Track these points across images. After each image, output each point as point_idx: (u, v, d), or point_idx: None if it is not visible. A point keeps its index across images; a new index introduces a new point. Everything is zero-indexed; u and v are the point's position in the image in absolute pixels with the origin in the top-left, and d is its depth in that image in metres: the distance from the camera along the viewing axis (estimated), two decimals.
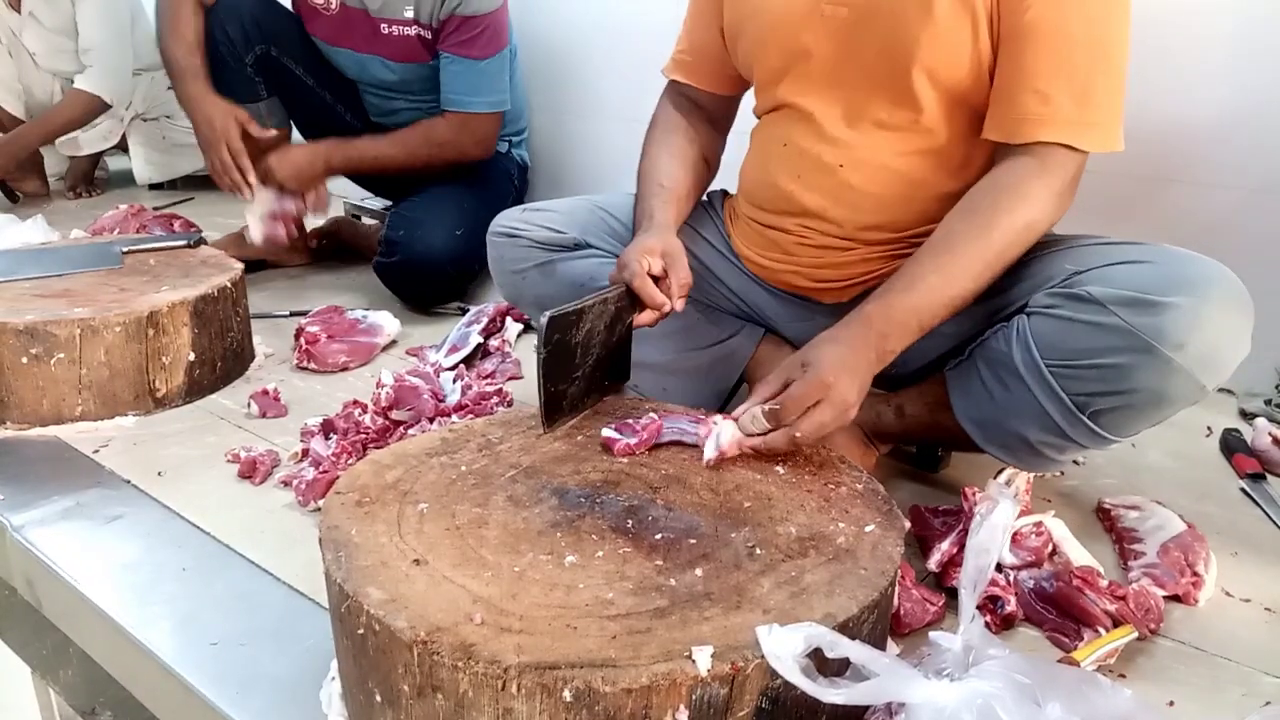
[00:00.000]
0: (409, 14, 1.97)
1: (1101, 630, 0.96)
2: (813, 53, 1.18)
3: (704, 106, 1.38)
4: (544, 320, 1.02)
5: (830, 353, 1.02)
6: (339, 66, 2.14)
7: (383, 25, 2.00)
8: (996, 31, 1.08)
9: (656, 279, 1.14)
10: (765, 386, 1.03)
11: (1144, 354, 0.98)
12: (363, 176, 2.37)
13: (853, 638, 0.75)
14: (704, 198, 1.45)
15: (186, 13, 2.03)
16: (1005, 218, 1.06)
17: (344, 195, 2.58)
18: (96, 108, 2.86)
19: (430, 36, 1.99)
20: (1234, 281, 1.00)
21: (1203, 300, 0.97)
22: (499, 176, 2.18)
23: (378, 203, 2.54)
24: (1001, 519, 0.84)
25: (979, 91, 1.11)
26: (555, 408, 1.06)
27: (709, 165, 1.38)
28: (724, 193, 1.45)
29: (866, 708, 0.76)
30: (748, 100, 1.38)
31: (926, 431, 1.25)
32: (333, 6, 2.03)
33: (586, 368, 1.09)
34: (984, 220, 1.07)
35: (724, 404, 1.36)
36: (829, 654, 0.68)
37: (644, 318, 1.15)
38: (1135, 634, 0.95)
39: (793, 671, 0.67)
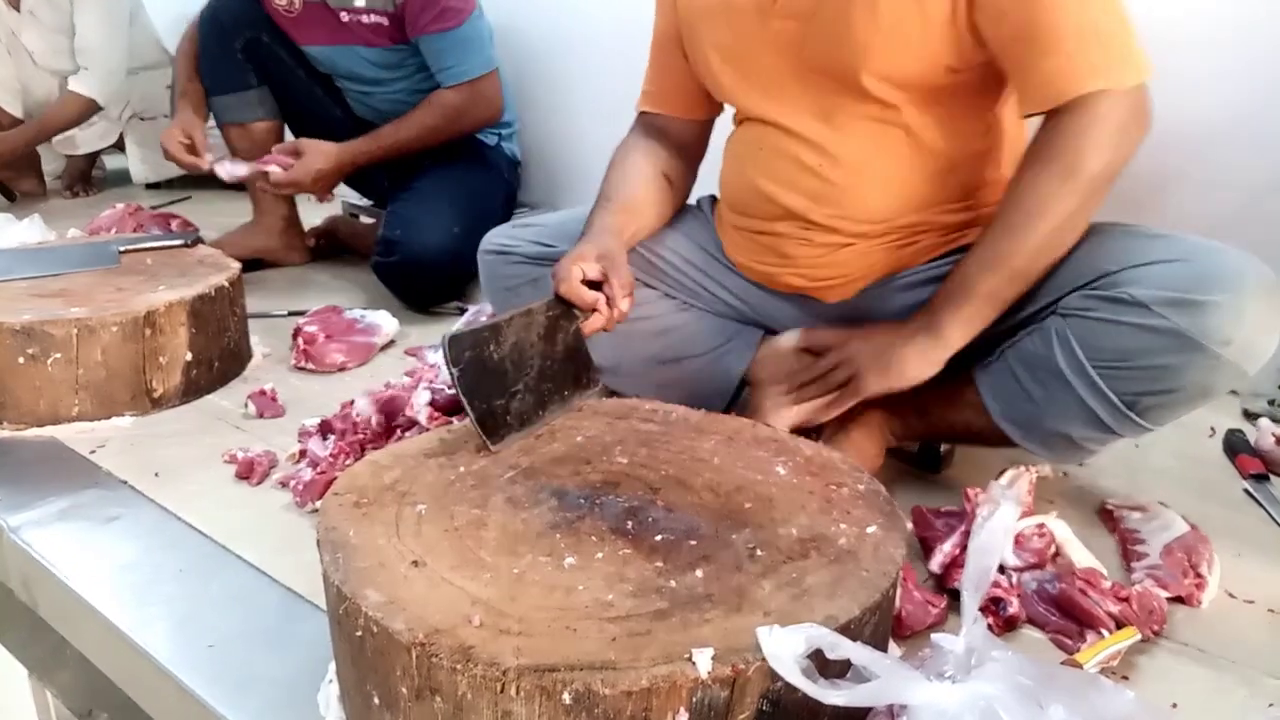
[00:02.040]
0: (360, 3, 1.98)
1: (1105, 632, 0.95)
2: (768, 67, 1.19)
3: (672, 134, 1.38)
4: (444, 341, 0.99)
5: (876, 336, 1.09)
6: (313, 64, 2.14)
7: (342, 14, 2.01)
8: (972, 17, 1.07)
9: (596, 284, 1.13)
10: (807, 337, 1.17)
11: (1193, 352, 1.00)
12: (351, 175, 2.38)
13: (854, 639, 0.75)
14: (693, 202, 1.45)
15: (190, 43, 2.18)
16: (1066, 158, 1.04)
17: (342, 195, 2.58)
18: (89, 109, 2.86)
19: (388, 22, 2.00)
20: (1265, 270, 1.01)
21: (1243, 295, 0.99)
22: (490, 170, 2.17)
23: None
24: (1003, 521, 0.83)
25: (936, 78, 1.12)
26: (496, 424, 1.01)
27: (670, 183, 1.37)
28: (713, 197, 1.45)
29: (868, 710, 0.75)
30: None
31: (952, 431, 1.26)
32: (295, 6, 2.04)
33: (528, 380, 1.06)
34: (1065, 167, 1.04)
35: (726, 408, 1.35)
36: (830, 655, 0.68)
37: (593, 324, 1.13)
38: (1138, 636, 0.94)
39: (793, 673, 0.66)
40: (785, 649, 0.67)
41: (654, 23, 1.37)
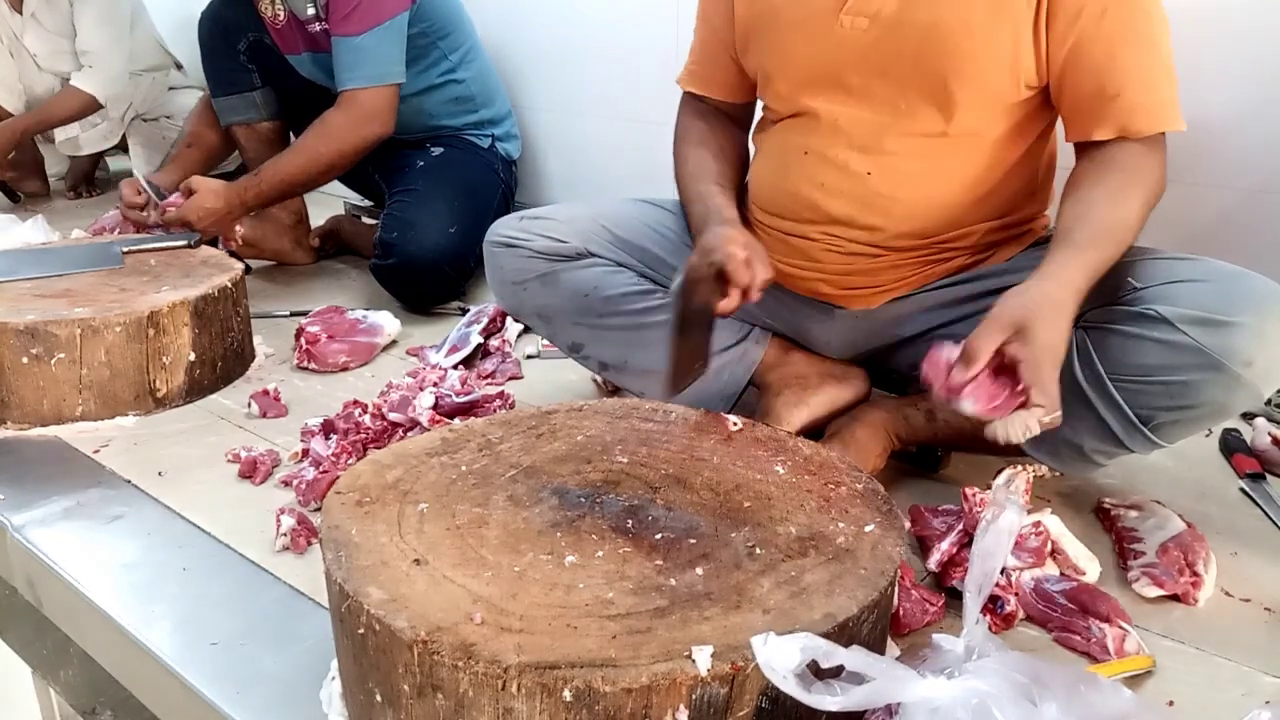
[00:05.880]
0: (310, 11, 1.99)
1: (1121, 625, 0.96)
2: (835, 63, 1.18)
3: (728, 114, 1.39)
4: (678, 284, 1.06)
5: (1047, 325, 0.94)
6: (299, 72, 2.15)
7: (307, 25, 2.02)
8: (1041, 32, 1.09)
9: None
10: (976, 355, 0.94)
11: (1214, 371, 1.01)
12: (342, 174, 2.38)
13: (852, 637, 0.76)
14: None
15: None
16: (1149, 175, 1.09)
17: (344, 196, 2.59)
18: (90, 106, 2.86)
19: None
20: None
21: (1268, 319, 1.00)
22: (484, 171, 2.17)
23: None
24: (1008, 524, 0.84)
25: (1014, 94, 1.13)
26: (681, 374, 1.08)
27: (744, 167, 1.38)
28: None
29: None
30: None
31: (959, 437, 1.25)
32: (281, 19, 2.05)
33: (689, 345, 1.11)
34: (1130, 179, 1.08)
35: (730, 408, 1.36)
36: (824, 664, 0.68)
37: (727, 304, 1.12)
38: (1152, 666, 0.94)
39: (788, 682, 0.67)
40: (780, 659, 0.67)
41: (700, 5, 1.36)
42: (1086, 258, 1.02)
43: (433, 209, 1.97)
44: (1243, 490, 1.29)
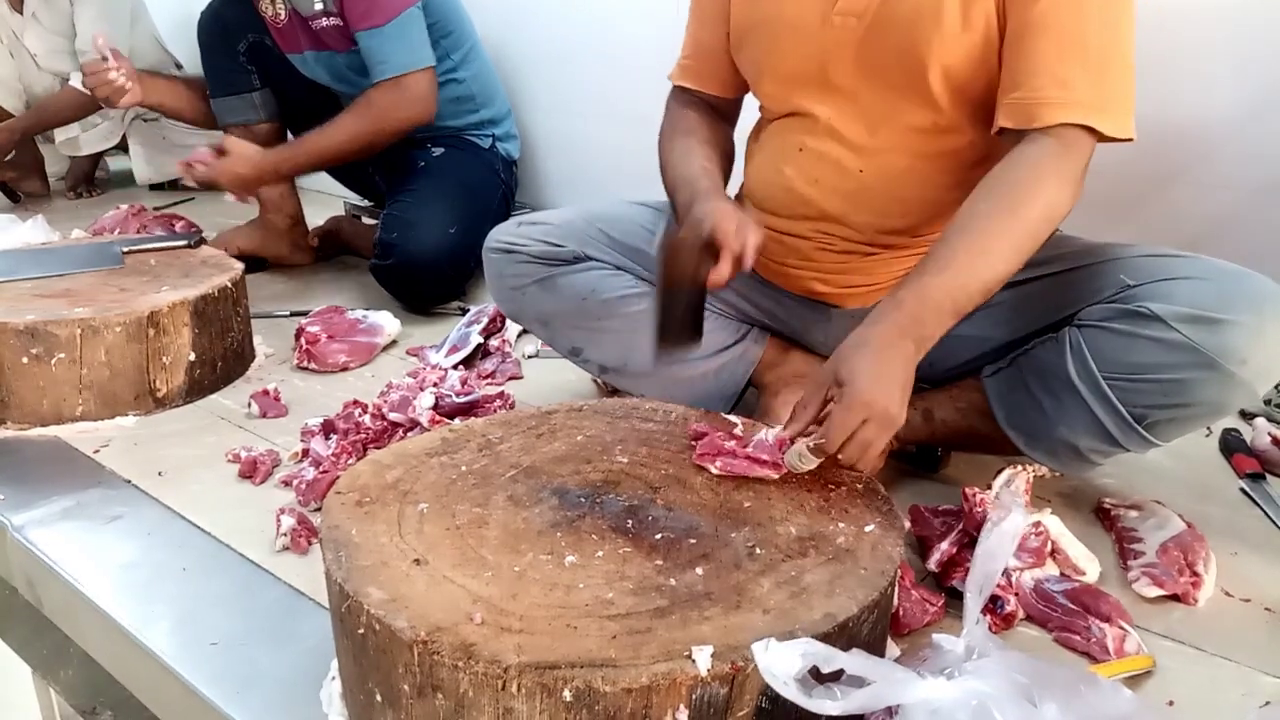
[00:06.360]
0: (319, 6, 1.99)
1: (1122, 625, 0.96)
2: (826, 62, 1.17)
3: (717, 109, 1.39)
4: (660, 242, 1.05)
5: (865, 364, 0.95)
6: (301, 71, 2.15)
7: (311, 22, 2.02)
8: (1002, 23, 1.08)
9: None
10: (803, 409, 0.98)
11: (1208, 369, 1.01)
12: (342, 175, 2.38)
13: (853, 638, 0.76)
14: None
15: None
16: (1030, 197, 1.02)
17: (344, 196, 2.58)
18: (88, 106, 2.85)
19: (342, 23, 1.99)
20: None
21: (1264, 318, 1.00)
22: (485, 171, 2.17)
23: None
24: (1012, 527, 0.84)
25: (992, 89, 1.11)
26: (670, 334, 1.07)
27: (730, 160, 1.37)
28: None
29: None
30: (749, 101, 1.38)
31: (955, 436, 1.26)
32: (281, 17, 2.05)
33: (679, 309, 1.10)
34: (1010, 201, 1.02)
35: (731, 409, 1.36)
36: (825, 669, 0.68)
37: (720, 272, 1.08)
38: (1152, 666, 0.94)
39: (788, 688, 0.66)
40: (781, 665, 0.67)
41: (694, 1, 1.35)
42: (933, 290, 1.00)
43: (433, 209, 1.97)
44: (1243, 490, 1.29)
